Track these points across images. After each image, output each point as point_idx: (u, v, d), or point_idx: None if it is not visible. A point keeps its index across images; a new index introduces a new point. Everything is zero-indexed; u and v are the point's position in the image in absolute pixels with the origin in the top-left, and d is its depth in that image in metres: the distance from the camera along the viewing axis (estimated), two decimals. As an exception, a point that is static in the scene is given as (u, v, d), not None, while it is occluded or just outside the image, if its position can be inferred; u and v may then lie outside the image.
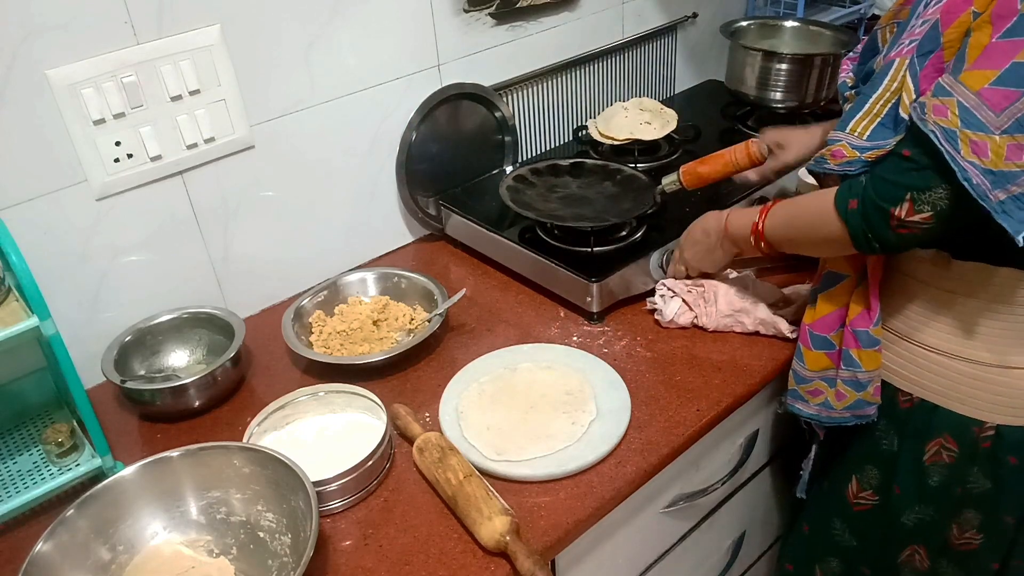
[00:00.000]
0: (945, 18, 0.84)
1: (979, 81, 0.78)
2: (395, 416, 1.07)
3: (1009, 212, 0.79)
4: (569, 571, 1.04)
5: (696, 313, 1.20)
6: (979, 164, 0.79)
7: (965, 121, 0.79)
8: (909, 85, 0.87)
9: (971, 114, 0.78)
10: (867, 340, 1.02)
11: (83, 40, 1.03)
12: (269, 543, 0.92)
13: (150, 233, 1.18)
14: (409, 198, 1.44)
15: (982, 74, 0.78)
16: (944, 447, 1.02)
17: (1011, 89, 0.77)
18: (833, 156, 0.93)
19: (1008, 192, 0.79)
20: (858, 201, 0.89)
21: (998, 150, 0.78)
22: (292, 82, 1.24)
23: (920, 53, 0.86)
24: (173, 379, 1.12)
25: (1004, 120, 0.78)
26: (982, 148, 0.78)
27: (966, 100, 0.79)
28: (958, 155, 0.79)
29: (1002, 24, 0.78)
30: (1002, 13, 0.78)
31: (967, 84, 0.79)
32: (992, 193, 0.79)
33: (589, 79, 1.67)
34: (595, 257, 1.26)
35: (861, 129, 0.91)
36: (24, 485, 0.99)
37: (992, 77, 0.77)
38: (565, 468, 0.99)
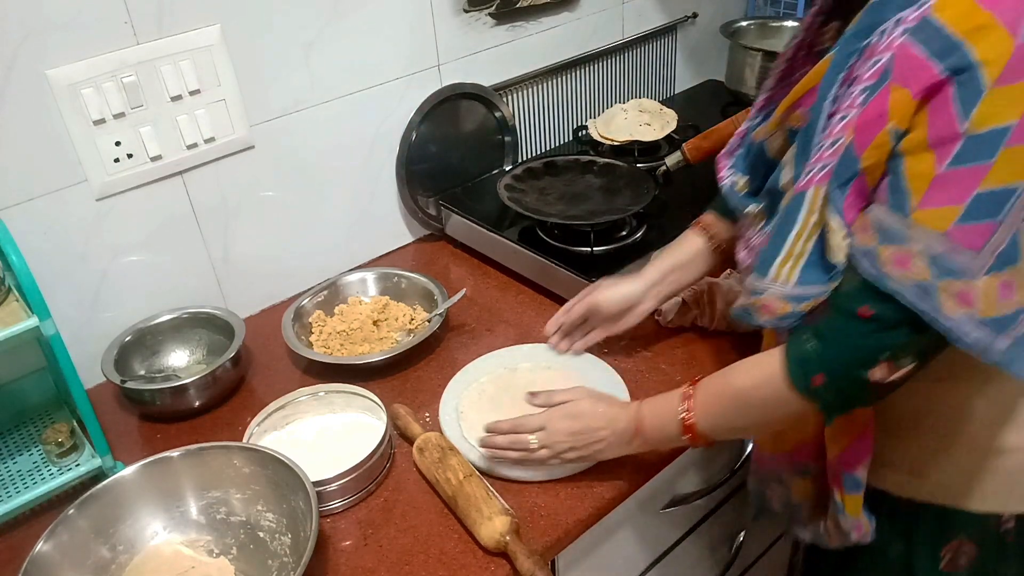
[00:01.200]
0: (860, 139, 0.70)
1: (943, 220, 0.66)
2: (395, 416, 1.07)
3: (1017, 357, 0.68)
4: (569, 571, 1.04)
5: (696, 313, 1.20)
6: (969, 315, 0.67)
7: (941, 269, 0.66)
8: (832, 224, 0.72)
9: (946, 260, 0.66)
10: (851, 484, 0.87)
11: (83, 40, 1.03)
12: (269, 543, 0.92)
13: (150, 233, 1.18)
14: (409, 198, 1.44)
15: (944, 212, 0.66)
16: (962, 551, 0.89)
17: (984, 223, 0.65)
18: (763, 310, 0.79)
19: (1011, 336, 0.68)
20: (823, 376, 0.74)
21: (988, 294, 0.66)
22: (292, 82, 1.24)
23: (837, 182, 0.72)
24: (173, 379, 1.12)
25: (986, 259, 0.66)
26: (969, 297, 0.66)
27: (934, 245, 0.66)
28: (939, 313, 0.67)
29: (947, 150, 0.65)
30: (942, 137, 0.65)
31: (929, 225, 0.66)
32: (994, 344, 0.67)
33: (589, 79, 1.67)
34: (595, 257, 1.26)
35: (786, 274, 0.77)
36: (24, 485, 0.99)
37: (958, 213, 0.65)
38: (565, 468, 0.98)
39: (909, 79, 0.66)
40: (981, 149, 0.64)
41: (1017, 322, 0.67)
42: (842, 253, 0.73)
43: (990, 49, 0.63)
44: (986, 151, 0.64)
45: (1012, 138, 0.63)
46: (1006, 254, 0.66)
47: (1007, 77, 0.63)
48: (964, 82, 0.64)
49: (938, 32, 0.65)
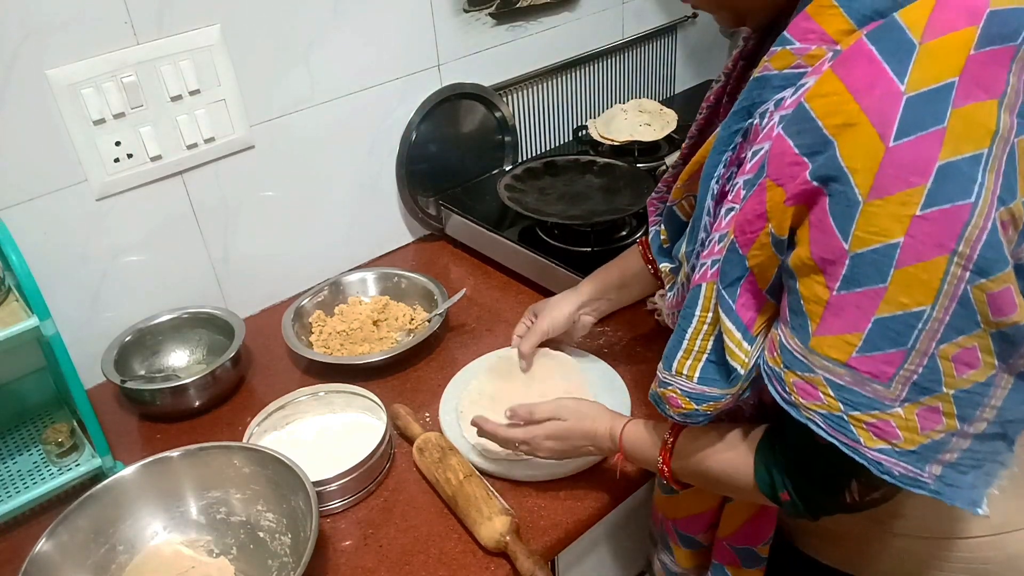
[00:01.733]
0: (741, 239, 0.65)
1: (842, 351, 0.59)
2: (395, 416, 1.07)
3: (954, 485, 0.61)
4: (569, 571, 1.04)
5: (696, 313, 1.20)
6: (892, 449, 0.60)
7: (848, 402, 0.60)
8: (728, 325, 0.67)
9: (852, 392, 0.60)
10: (750, 559, 0.83)
11: (83, 40, 1.03)
12: (269, 543, 0.92)
13: (150, 233, 1.18)
14: (409, 198, 1.44)
15: (842, 340, 0.59)
16: None
17: (890, 352, 0.58)
18: (669, 403, 0.75)
19: (942, 463, 0.60)
20: (789, 494, 0.69)
21: (908, 425, 0.59)
22: (292, 82, 1.24)
23: (726, 282, 0.67)
24: (173, 379, 1.12)
25: (899, 389, 0.58)
26: (886, 430, 0.59)
27: (837, 376, 0.60)
28: (859, 446, 0.60)
29: (835, 271, 0.58)
30: (827, 256, 0.58)
31: (827, 354, 0.60)
32: (924, 475, 0.60)
33: (589, 79, 1.67)
34: (595, 257, 1.25)
35: (688, 370, 0.73)
36: (24, 485, 0.99)
37: (856, 343, 0.58)
38: (565, 468, 0.98)
39: (783, 177, 0.60)
40: (870, 271, 0.57)
41: (948, 447, 0.60)
42: (739, 358, 0.68)
43: (857, 154, 0.56)
44: (876, 273, 0.56)
45: (902, 258, 0.55)
46: (923, 382, 0.58)
47: (880, 188, 0.55)
48: (836, 193, 0.57)
49: (810, 124, 0.58)
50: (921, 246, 0.55)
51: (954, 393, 0.58)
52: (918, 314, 0.56)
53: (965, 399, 0.59)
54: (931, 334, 0.57)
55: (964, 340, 0.57)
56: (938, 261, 0.55)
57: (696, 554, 0.91)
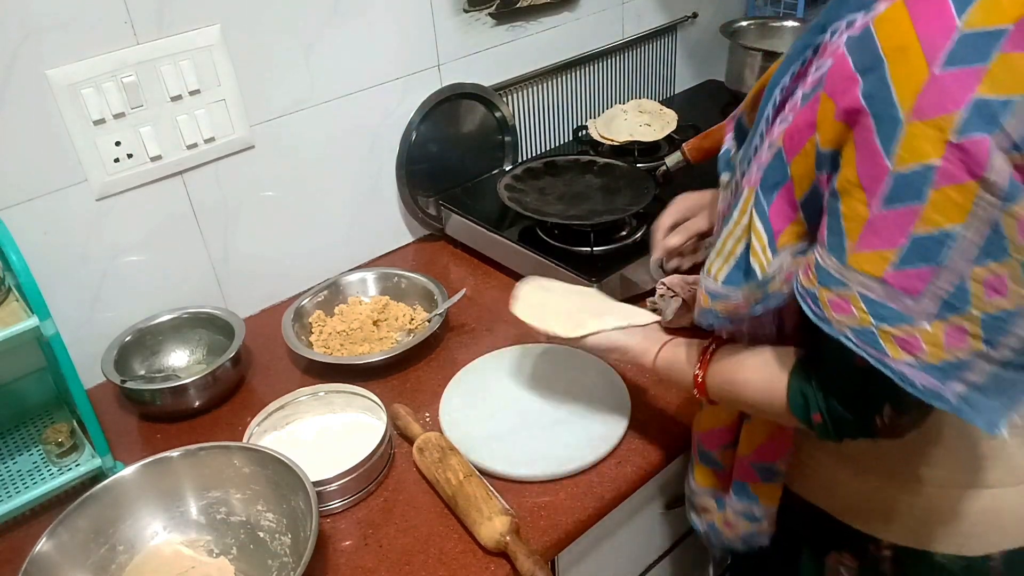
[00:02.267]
0: (788, 145, 0.68)
1: (878, 265, 0.62)
2: (395, 416, 1.07)
3: (975, 406, 0.63)
4: (569, 571, 1.04)
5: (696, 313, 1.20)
6: (916, 362, 0.62)
7: (879, 316, 0.62)
8: (757, 227, 0.70)
9: (884, 307, 0.62)
10: (769, 474, 0.86)
11: (83, 40, 1.03)
12: (269, 543, 0.92)
13: (150, 233, 1.18)
14: (409, 198, 1.44)
15: (879, 256, 0.62)
16: (843, 564, 0.88)
17: (923, 268, 0.60)
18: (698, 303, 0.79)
19: (966, 383, 0.63)
20: (821, 416, 0.71)
21: (933, 340, 0.62)
22: (292, 82, 1.24)
23: (765, 186, 0.70)
24: (173, 379, 1.12)
25: (928, 305, 0.61)
26: (913, 344, 0.62)
27: (870, 291, 0.62)
28: (887, 357, 0.63)
29: (877, 189, 0.61)
30: (871, 173, 0.61)
31: (863, 270, 0.63)
32: (947, 391, 0.63)
33: (589, 79, 1.67)
34: (595, 257, 1.25)
35: (715, 271, 0.76)
36: (24, 485, 0.99)
37: (893, 258, 0.61)
38: (565, 468, 0.99)
39: (837, 91, 0.63)
40: (909, 190, 0.60)
41: (972, 368, 0.62)
42: (761, 261, 0.70)
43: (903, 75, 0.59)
44: (914, 192, 0.59)
45: (939, 179, 0.59)
46: (952, 300, 0.61)
47: (921, 111, 0.58)
48: (880, 114, 0.60)
49: (870, 44, 0.62)
50: (955, 169, 0.58)
51: (982, 316, 0.61)
52: (951, 233, 0.59)
53: (991, 323, 0.61)
54: (962, 254, 0.60)
55: (995, 266, 0.60)
56: (970, 185, 0.58)
57: (713, 473, 0.94)
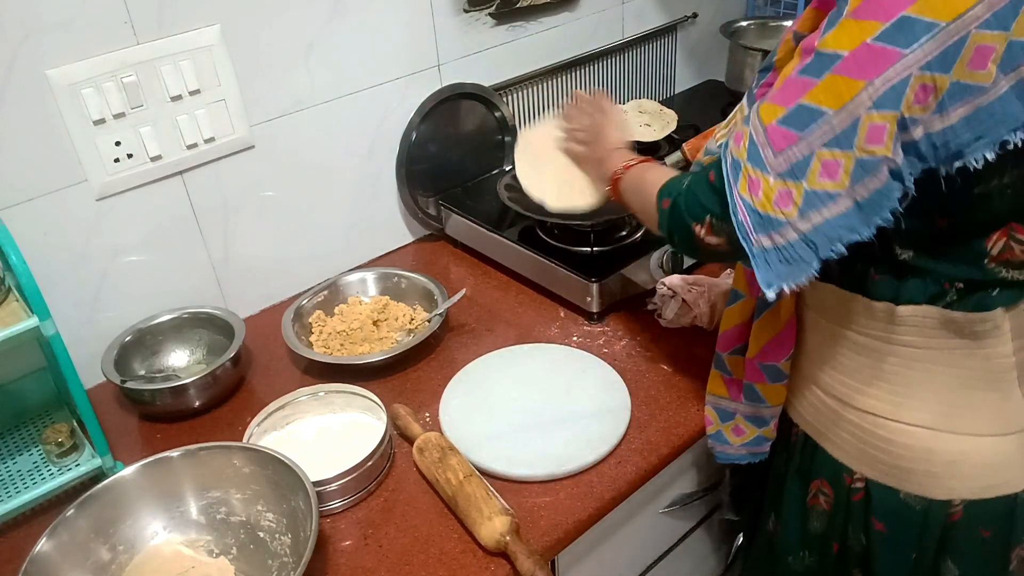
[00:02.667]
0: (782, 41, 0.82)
1: (769, 116, 0.72)
2: (395, 416, 1.07)
3: (768, 261, 0.73)
4: (569, 571, 1.04)
5: (696, 313, 1.20)
6: (749, 202, 0.73)
7: (750, 155, 0.73)
8: (743, 105, 0.86)
9: (756, 149, 0.73)
10: (774, 374, 0.94)
11: (83, 40, 1.03)
12: (269, 543, 0.92)
13: (150, 233, 1.18)
14: (409, 198, 1.44)
15: (773, 108, 0.72)
16: (822, 491, 0.94)
17: (791, 131, 0.70)
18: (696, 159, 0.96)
19: (772, 241, 0.72)
20: (670, 204, 0.84)
21: (769, 192, 0.72)
22: (292, 82, 1.24)
23: (759, 69, 0.86)
24: (173, 379, 1.12)
25: (781, 163, 0.71)
26: (756, 186, 0.73)
27: (756, 134, 0.73)
28: (735, 187, 0.74)
29: (803, 59, 0.71)
30: (807, 47, 0.72)
31: (761, 117, 0.73)
32: (754, 236, 0.73)
33: (589, 79, 1.67)
34: (595, 257, 1.25)
35: (720, 136, 0.91)
36: (24, 485, 0.99)
37: (780, 114, 0.71)
38: (565, 468, 0.99)
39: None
40: (817, 67, 0.69)
41: (782, 231, 0.72)
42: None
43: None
44: (819, 69, 0.69)
45: (839, 67, 0.68)
46: (797, 167, 0.70)
47: (859, 11, 0.67)
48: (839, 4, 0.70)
49: None
50: (855, 65, 0.67)
51: (807, 189, 0.70)
52: (822, 112, 0.69)
53: (811, 197, 0.70)
54: (822, 134, 0.69)
55: (838, 153, 0.69)
56: (858, 83, 0.67)
57: (724, 380, 1.02)
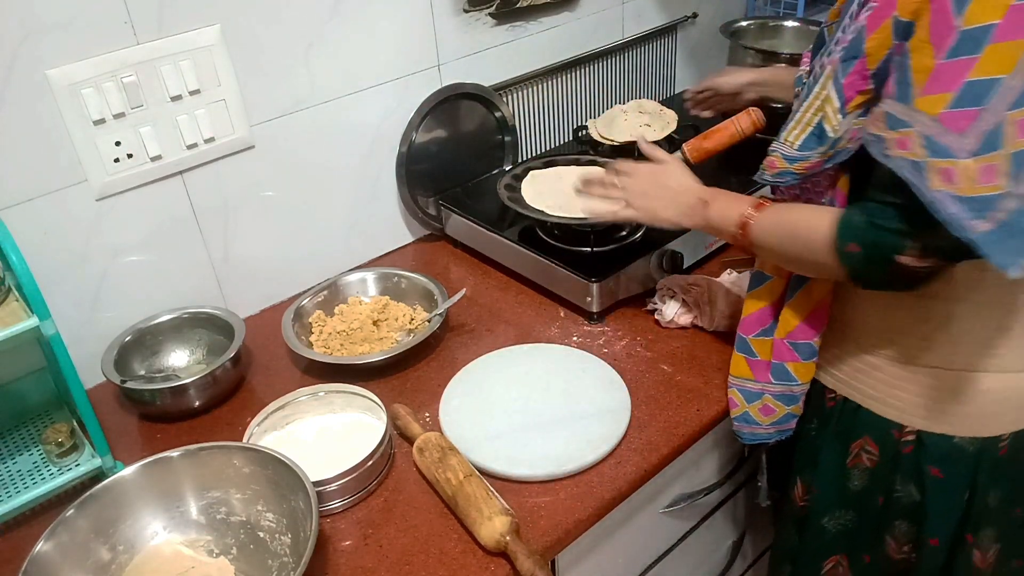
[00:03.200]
0: (871, 24, 0.79)
1: (936, 105, 0.72)
2: (395, 416, 1.07)
3: (996, 243, 0.71)
4: (569, 571, 1.04)
5: (696, 313, 1.20)
6: (949, 192, 0.72)
7: (931, 150, 0.72)
8: (831, 95, 0.83)
9: (935, 142, 0.72)
10: (808, 352, 0.97)
11: (83, 40, 1.03)
12: (269, 543, 0.92)
13: (150, 233, 1.18)
14: (409, 198, 1.44)
15: (938, 98, 0.72)
16: (865, 449, 0.97)
17: (971, 108, 0.70)
18: (768, 166, 0.91)
19: (993, 220, 0.71)
20: (859, 246, 0.81)
21: (968, 174, 0.71)
22: (292, 82, 1.24)
23: (844, 59, 0.82)
24: (173, 379, 1.12)
25: (971, 142, 0.71)
26: (951, 175, 0.72)
27: (927, 128, 0.73)
28: (925, 186, 0.73)
29: (944, 44, 0.72)
30: (941, 32, 0.72)
31: (925, 110, 0.73)
32: (970, 223, 0.71)
33: (589, 79, 1.67)
34: (595, 257, 1.25)
35: (793, 138, 0.88)
36: (24, 485, 0.99)
37: (949, 100, 0.71)
38: (565, 468, 0.99)
39: None
40: (971, 44, 0.70)
41: (996, 207, 0.71)
42: (832, 123, 0.83)
43: None
44: (974, 46, 0.70)
45: (996, 35, 0.69)
46: (990, 139, 0.70)
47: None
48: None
49: None
50: (1012, 28, 0.68)
51: (1013, 152, 0.70)
52: (997, 80, 0.70)
53: (1019, 159, 0.70)
54: (1003, 99, 0.69)
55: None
56: (1021, 42, 0.68)
57: (748, 362, 1.03)
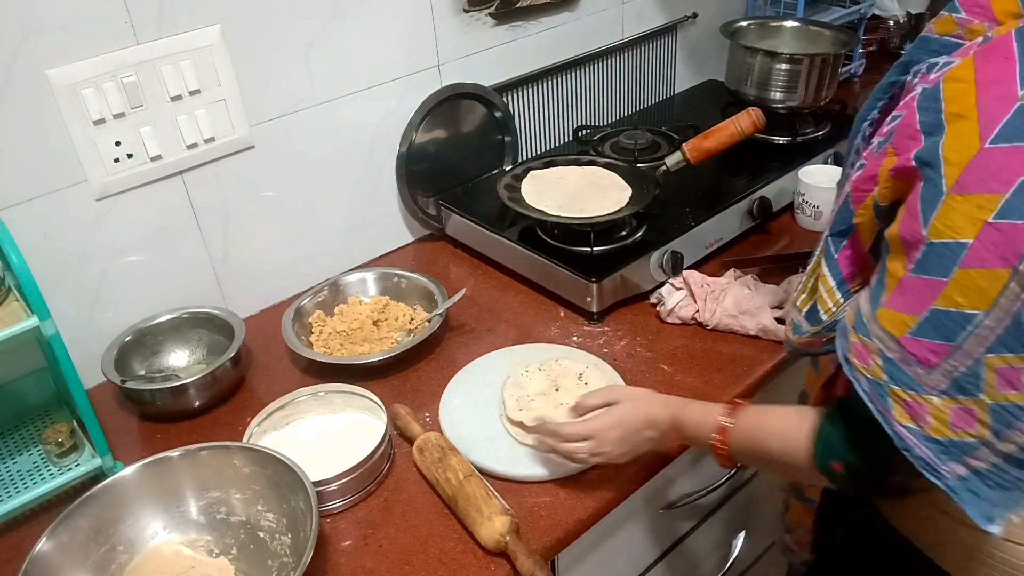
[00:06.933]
0: (855, 195, 0.69)
1: (898, 327, 0.62)
2: (395, 416, 1.07)
3: (974, 492, 0.62)
4: (569, 571, 1.04)
5: (698, 307, 1.20)
6: (918, 431, 0.62)
7: (891, 376, 0.63)
8: (824, 272, 0.74)
9: (897, 368, 0.62)
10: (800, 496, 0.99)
11: (83, 40, 1.03)
12: (269, 543, 0.92)
13: (150, 233, 1.18)
14: (409, 198, 1.44)
15: (900, 318, 0.62)
16: None
17: (938, 343, 0.60)
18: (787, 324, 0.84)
19: (968, 466, 0.62)
20: (842, 466, 0.71)
21: (939, 415, 0.61)
22: (292, 82, 1.24)
23: (834, 232, 0.73)
24: (173, 379, 1.12)
25: (939, 379, 0.60)
26: (918, 411, 0.62)
27: (888, 349, 0.63)
28: (890, 416, 0.63)
29: (913, 253, 0.61)
30: (909, 238, 0.61)
31: (885, 328, 0.63)
32: (944, 467, 0.62)
33: (589, 79, 1.67)
34: (595, 257, 1.25)
35: (800, 304, 0.79)
36: (24, 485, 0.99)
37: (912, 325, 0.61)
38: (565, 468, 0.98)
39: (899, 147, 0.63)
40: (938, 262, 0.59)
41: (975, 454, 0.61)
42: (826, 304, 0.74)
43: (955, 146, 0.57)
44: (941, 267, 0.59)
45: (967, 259, 0.57)
46: (963, 382, 0.60)
47: (963, 185, 0.57)
48: (928, 179, 0.59)
49: (936, 105, 0.60)
50: (987, 253, 0.56)
51: (991, 404, 0.59)
52: (970, 316, 0.58)
53: (1001, 414, 0.59)
54: (980, 340, 0.58)
55: (1012, 358, 0.58)
56: (1000, 273, 0.56)
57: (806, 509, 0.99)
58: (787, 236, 1.43)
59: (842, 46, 1.59)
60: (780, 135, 1.55)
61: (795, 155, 1.50)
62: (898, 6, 2.07)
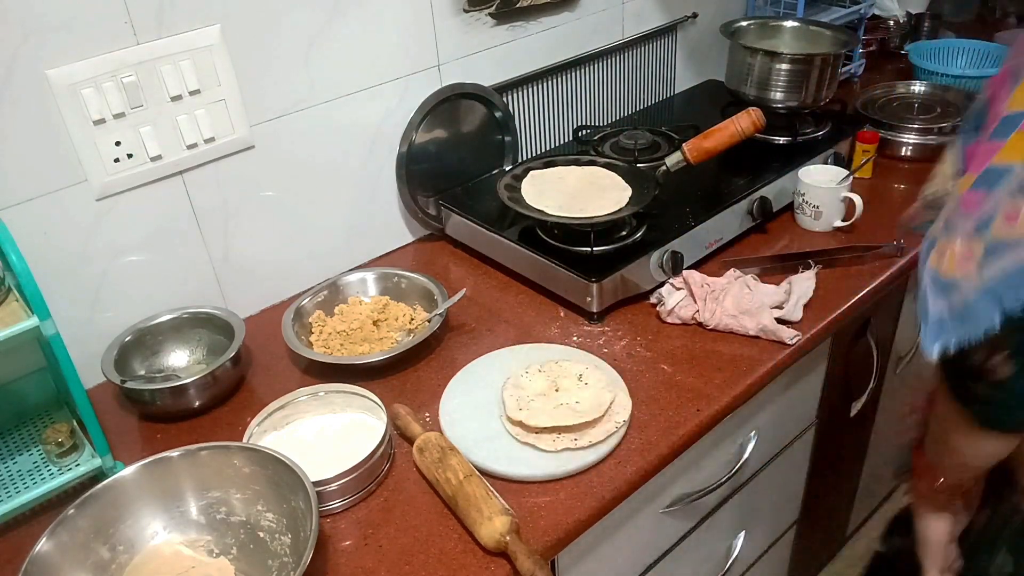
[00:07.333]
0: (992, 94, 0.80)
1: (964, 185, 0.73)
2: (395, 416, 1.07)
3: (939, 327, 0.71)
4: (569, 571, 1.04)
5: (698, 307, 1.20)
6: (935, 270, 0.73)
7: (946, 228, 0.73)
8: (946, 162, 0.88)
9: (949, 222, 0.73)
10: None
11: (83, 40, 1.03)
12: (269, 543, 0.92)
13: (150, 233, 1.18)
14: (409, 198, 1.44)
15: (968, 178, 0.73)
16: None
17: (980, 191, 0.70)
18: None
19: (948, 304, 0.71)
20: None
21: (953, 256, 0.71)
22: (292, 82, 1.24)
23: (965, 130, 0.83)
24: (173, 379, 1.12)
25: (970, 224, 0.70)
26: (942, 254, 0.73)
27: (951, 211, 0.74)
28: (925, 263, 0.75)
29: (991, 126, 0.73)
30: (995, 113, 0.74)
31: (959, 190, 0.74)
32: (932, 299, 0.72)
33: (589, 79, 1.67)
34: (595, 257, 1.25)
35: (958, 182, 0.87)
36: (24, 485, 0.99)
37: (972, 181, 0.72)
38: (565, 468, 0.99)
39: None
40: (1003, 129, 0.70)
41: (958, 289, 0.70)
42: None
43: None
44: (1004, 131, 0.70)
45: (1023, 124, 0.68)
46: (982, 224, 0.69)
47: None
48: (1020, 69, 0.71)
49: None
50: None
51: (989, 241, 0.68)
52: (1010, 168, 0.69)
53: (992, 248, 0.68)
54: (1008, 186, 0.68)
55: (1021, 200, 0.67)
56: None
57: None
58: (787, 236, 1.43)
59: (842, 46, 1.59)
60: (780, 135, 1.55)
61: (795, 155, 1.50)
62: (898, 6, 2.07)
